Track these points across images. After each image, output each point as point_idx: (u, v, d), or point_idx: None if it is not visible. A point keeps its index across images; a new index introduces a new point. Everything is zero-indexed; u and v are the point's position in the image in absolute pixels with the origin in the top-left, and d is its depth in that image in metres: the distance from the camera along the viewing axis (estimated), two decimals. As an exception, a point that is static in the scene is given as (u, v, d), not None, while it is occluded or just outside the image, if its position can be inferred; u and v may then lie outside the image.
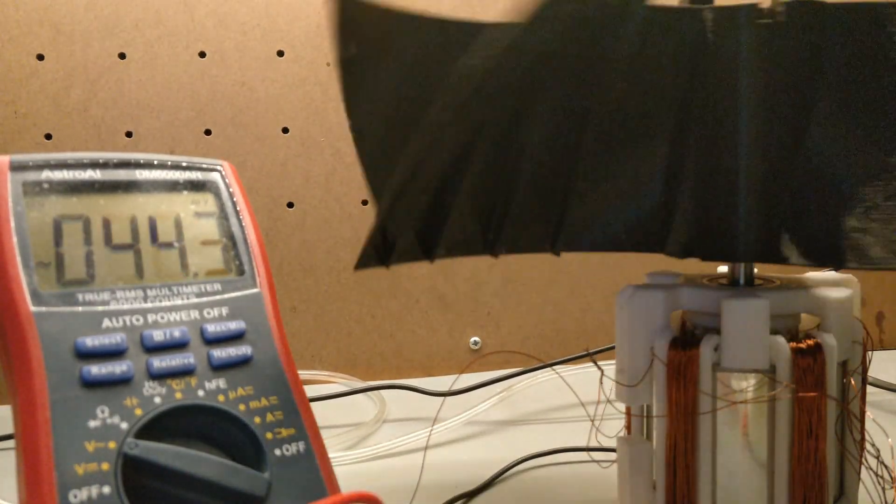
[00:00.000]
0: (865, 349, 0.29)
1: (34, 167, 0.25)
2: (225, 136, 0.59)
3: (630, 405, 0.30)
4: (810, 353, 0.26)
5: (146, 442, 0.23)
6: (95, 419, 0.23)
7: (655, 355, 0.28)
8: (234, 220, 0.29)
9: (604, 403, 0.31)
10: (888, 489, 0.29)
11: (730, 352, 0.27)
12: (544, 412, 0.51)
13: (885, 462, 0.29)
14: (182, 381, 0.25)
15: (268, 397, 0.26)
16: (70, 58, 0.56)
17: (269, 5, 0.59)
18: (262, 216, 0.60)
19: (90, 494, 0.21)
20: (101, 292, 0.25)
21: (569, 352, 0.63)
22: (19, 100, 0.56)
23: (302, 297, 0.61)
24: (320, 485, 0.25)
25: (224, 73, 0.59)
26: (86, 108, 0.57)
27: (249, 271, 0.28)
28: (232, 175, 0.29)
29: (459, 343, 0.63)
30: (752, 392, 0.27)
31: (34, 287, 0.23)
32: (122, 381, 0.24)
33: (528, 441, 0.45)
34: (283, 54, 0.59)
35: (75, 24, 0.56)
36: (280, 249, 0.60)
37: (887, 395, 0.51)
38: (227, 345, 0.26)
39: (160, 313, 0.25)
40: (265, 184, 0.60)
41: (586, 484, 0.39)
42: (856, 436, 0.28)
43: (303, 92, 0.60)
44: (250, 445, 0.25)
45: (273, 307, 0.28)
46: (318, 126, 0.60)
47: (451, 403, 0.50)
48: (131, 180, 0.27)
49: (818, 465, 0.26)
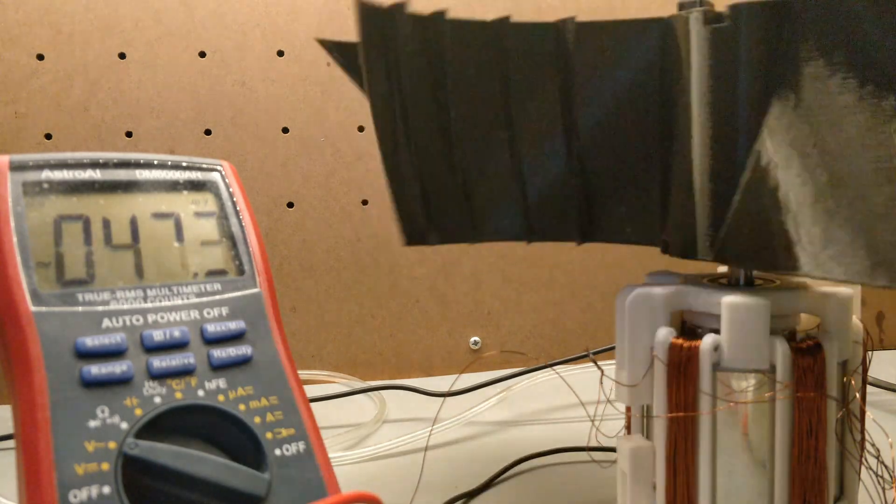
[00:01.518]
0: (865, 349, 0.29)
1: (34, 167, 0.25)
2: (225, 136, 0.59)
3: (630, 405, 0.30)
4: (810, 353, 0.26)
5: (146, 442, 0.23)
6: (95, 419, 0.23)
7: (655, 355, 0.28)
8: (234, 219, 0.29)
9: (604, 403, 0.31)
10: (888, 489, 0.29)
11: (730, 352, 0.27)
12: (544, 412, 0.51)
13: (885, 462, 0.29)
14: (182, 381, 0.25)
15: (268, 397, 0.26)
16: (70, 58, 0.56)
17: (269, 5, 0.59)
18: (262, 216, 0.60)
19: (90, 494, 0.21)
20: (101, 292, 0.25)
21: (569, 352, 0.63)
22: (19, 100, 0.56)
23: (302, 297, 0.61)
24: (320, 485, 0.25)
25: (224, 73, 0.59)
26: (86, 108, 0.57)
27: (249, 271, 0.28)
28: (232, 175, 0.29)
29: (459, 343, 0.63)
30: (752, 392, 0.27)
31: (34, 287, 0.23)
32: (122, 381, 0.24)
33: (528, 441, 0.45)
34: (283, 54, 0.59)
35: (75, 24, 0.56)
36: (280, 249, 0.60)
37: (887, 395, 0.51)
38: (227, 345, 0.26)
39: (160, 313, 0.25)
40: (265, 184, 0.60)
41: (586, 484, 0.39)
42: (856, 436, 0.28)
43: (303, 92, 0.60)
44: (250, 445, 0.25)
45: (273, 307, 0.28)
46: (318, 126, 0.60)
47: (450, 403, 0.50)
48: (131, 180, 0.27)
49: (818, 465, 0.26)
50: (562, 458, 0.42)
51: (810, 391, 0.26)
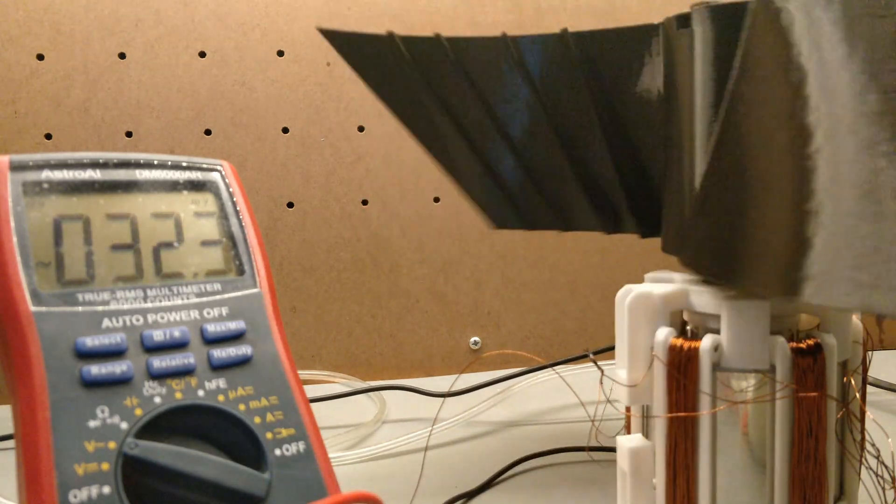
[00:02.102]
0: (865, 349, 0.29)
1: (34, 167, 0.25)
2: (225, 136, 0.59)
3: (630, 405, 0.30)
4: (810, 353, 0.26)
5: (146, 442, 0.23)
6: (95, 419, 0.23)
7: (655, 355, 0.28)
8: (234, 220, 0.29)
9: (604, 403, 0.31)
10: (888, 489, 0.29)
11: (730, 352, 0.27)
12: (544, 412, 0.51)
13: (885, 462, 0.29)
14: (182, 381, 0.25)
15: (268, 397, 0.26)
16: (70, 58, 0.56)
17: (269, 5, 0.59)
18: (262, 216, 0.60)
19: (90, 494, 0.21)
20: (101, 292, 0.25)
21: (569, 352, 0.63)
22: (19, 100, 0.56)
23: (302, 297, 0.61)
24: (320, 485, 0.25)
25: (224, 73, 0.59)
26: (86, 108, 0.57)
27: (249, 271, 0.28)
28: (232, 175, 0.29)
29: (459, 343, 0.63)
30: (752, 392, 0.27)
31: (34, 287, 0.23)
32: (122, 381, 0.24)
33: (528, 441, 0.45)
34: (283, 54, 0.59)
35: (75, 24, 0.56)
36: (280, 249, 0.60)
37: (887, 395, 0.51)
38: (227, 345, 0.26)
39: (160, 313, 0.25)
40: (265, 184, 0.60)
41: (586, 484, 0.39)
42: (856, 436, 0.28)
43: (303, 92, 0.60)
44: (250, 445, 0.25)
45: (273, 307, 0.28)
46: (318, 126, 0.60)
47: (450, 404, 0.50)
48: (131, 180, 0.27)
49: (818, 465, 0.26)
50: (562, 458, 0.42)
51: (810, 391, 0.26)
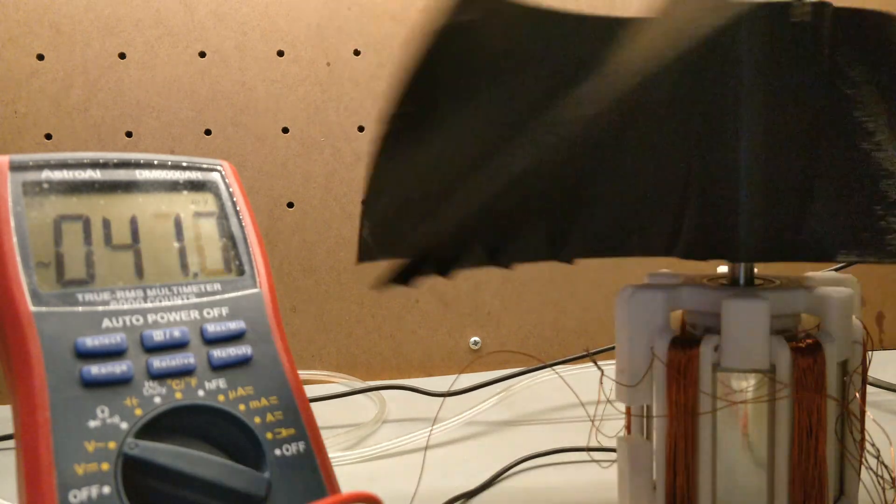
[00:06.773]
0: (865, 349, 0.29)
1: (34, 167, 0.25)
2: (225, 136, 0.59)
3: (630, 405, 0.30)
4: (810, 353, 0.26)
5: (146, 442, 0.23)
6: (95, 419, 0.23)
7: (655, 355, 0.28)
8: (234, 220, 0.29)
9: (604, 403, 0.31)
10: (888, 489, 0.29)
11: (730, 352, 0.27)
12: (544, 412, 0.51)
13: (885, 462, 0.29)
14: (182, 381, 0.25)
15: (268, 397, 0.26)
16: (70, 58, 0.56)
17: (269, 5, 0.59)
18: (262, 216, 0.60)
19: (90, 494, 0.21)
20: (101, 292, 0.25)
21: (569, 352, 0.63)
22: (19, 100, 0.56)
23: (302, 297, 0.61)
24: (320, 485, 0.25)
25: (224, 73, 0.59)
26: (86, 108, 0.57)
27: (249, 271, 0.28)
28: (232, 175, 0.29)
29: (459, 343, 0.63)
30: (752, 392, 0.27)
31: (34, 287, 0.23)
32: (122, 381, 0.24)
33: (528, 441, 0.45)
34: (283, 54, 0.59)
35: (75, 24, 0.56)
36: (280, 249, 0.60)
37: (887, 395, 0.51)
38: (227, 345, 0.26)
39: (160, 313, 0.25)
40: (265, 184, 0.60)
41: (586, 484, 0.39)
42: (856, 436, 0.28)
43: (303, 92, 0.60)
44: (250, 445, 0.25)
45: (273, 307, 0.28)
46: (318, 126, 0.60)
47: (450, 403, 0.50)
48: (131, 180, 0.27)
49: (818, 465, 0.26)
50: (562, 458, 0.42)
51: (810, 391, 0.26)
